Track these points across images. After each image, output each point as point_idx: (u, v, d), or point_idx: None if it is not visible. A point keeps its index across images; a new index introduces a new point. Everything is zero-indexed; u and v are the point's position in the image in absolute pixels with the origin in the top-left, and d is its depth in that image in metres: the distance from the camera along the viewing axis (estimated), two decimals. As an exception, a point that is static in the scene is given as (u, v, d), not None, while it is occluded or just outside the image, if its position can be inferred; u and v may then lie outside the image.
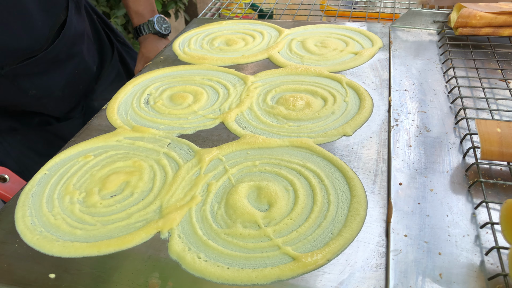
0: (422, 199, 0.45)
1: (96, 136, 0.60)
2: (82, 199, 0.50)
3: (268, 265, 0.40)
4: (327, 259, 0.40)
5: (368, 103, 0.62)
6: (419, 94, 0.63)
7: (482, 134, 0.47)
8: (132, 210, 0.48)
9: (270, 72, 0.73)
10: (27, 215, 0.48)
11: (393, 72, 0.69)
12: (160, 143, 0.58)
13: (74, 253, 0.43)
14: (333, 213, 0.45)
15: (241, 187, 0.48)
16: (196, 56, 0.81)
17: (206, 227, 0.45)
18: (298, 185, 0.49)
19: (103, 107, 0.67)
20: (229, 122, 0.61)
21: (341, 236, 0.42)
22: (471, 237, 0.41)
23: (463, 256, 0.39)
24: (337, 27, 0.89)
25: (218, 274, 0.39)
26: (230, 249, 0.42)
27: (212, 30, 0.92)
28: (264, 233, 0.43)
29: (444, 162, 0.50)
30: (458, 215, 0.43)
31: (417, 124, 0.56)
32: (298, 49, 0.81)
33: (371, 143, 0.55)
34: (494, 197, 0.45)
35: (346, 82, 0.68)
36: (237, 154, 0.55)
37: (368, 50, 0.77)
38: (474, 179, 0.47)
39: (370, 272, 0.39)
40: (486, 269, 0.38)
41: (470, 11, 0.73)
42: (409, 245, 0.40)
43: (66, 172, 0.54)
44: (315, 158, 0.53)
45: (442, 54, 0.74)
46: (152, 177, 0.52)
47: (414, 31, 0.84)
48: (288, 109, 0.63)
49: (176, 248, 0.42)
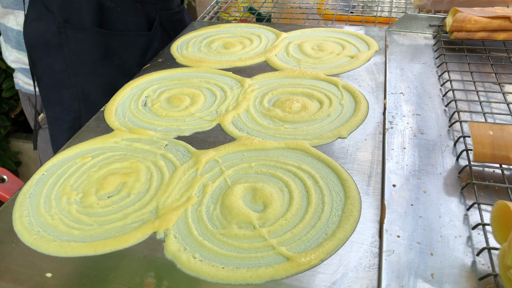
0: (415, 201, 0.45)
1: (94, 138, 0.60)
2: (79, 199, 0.50)
3: (262, 265, 0.41)
4: (321, 259, 0.41)
5: (363, 106, 0.63)
6: (414, 97, 0.63)
7: (474, 137, 0.47)
8: (128, 211, 0.48)
9: (267, 75, 0.74)
10: (25, 215, 0.48)
11: (389, 75, 0.70)
12: (157, 145, 0.58)
13: (70, 253, 0.43)
14: (327, 214, 0.46)
15: (237, 188, 0.49)
16: (194, 59, 0.81)
17: (202, 227, 0.45)
18: (293, 187, 0.49)
19: (101, 108, 0.68)
20: (226, 124, 0.61)
21: (335, 237, 0.42)
22: (463, 238, 0.41)
23: (455, 256, 0.39)
24: (334, 30, 0.90)
25: (213, 273, 0.40)
26: (225, 249, 0.43)
27: (210, 33, 0.93)
28: (259, 233, 0.44)
29: (437, 164, 0.50)
30: (451, 217, 0.43)
31: (411, 126, 0.57)
32: (295, 52, 0.82)
33: (366, 145, 0.55)
34: (486, 198, 0.45)
35: (342, 85, 0.68)
36: (233, 155, 0.55)
37: (364, 54, 0.77)
38: (467, 181, 0.47)
39: (363, 272, 0.39)
40: (477, 270, 0.38)
41: (465, 16, 0.74)
42: (402, 246, 0.41)
43: (63, 173, 0.54)
44: (310, 160, 0.54)
45: (437, 58, 0.74)
46: (149, 178, 0.53)
47: (410, 35, 0.85)
48: (285, 111, 0.63)
49: (172, 248, 0.43)
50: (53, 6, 0.82)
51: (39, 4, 0.82)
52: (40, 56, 0.85)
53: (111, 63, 0.90)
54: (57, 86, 0.88)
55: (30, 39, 0.83)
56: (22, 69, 0.94)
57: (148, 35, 0.94)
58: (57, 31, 0.83)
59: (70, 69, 0.86)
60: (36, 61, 0.85)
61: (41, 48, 0.84)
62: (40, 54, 0.84)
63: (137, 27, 0.92)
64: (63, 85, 0.88)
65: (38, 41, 0.83)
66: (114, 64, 0.90)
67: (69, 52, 0.85)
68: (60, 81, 0.87)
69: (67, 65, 0.86)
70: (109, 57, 0.90)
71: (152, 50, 0.94)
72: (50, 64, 0.85)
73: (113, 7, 0.87)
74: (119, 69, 0.86)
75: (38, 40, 0.83)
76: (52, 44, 0.84)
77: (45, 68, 0.86)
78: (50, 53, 0.84)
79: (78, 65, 0.87)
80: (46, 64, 0.86)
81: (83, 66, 0.88)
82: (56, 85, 0.87)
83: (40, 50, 0.84)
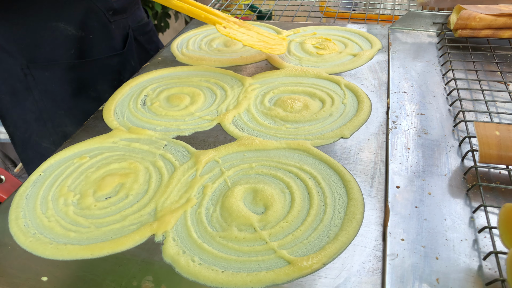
0: (419, 203, 0.44)
1: (92, 138, 0.59)
2: (76, 201, 0.49)
3: (263, 269, 0.40)
4: (323, 263, 0.40)
5: (366, 105, 0.61)
6: (418, 96, 0.62)
7: (480, 137, 0.46)
8: (126, 213, 0.47)
9: (268, 73, 0.73)
10: (21, 217, 0.47)
11: (392, 74, 0.69)
12: (156, 145, 0.57)
13: (67, 256, 0.42)
14: (329, 216, 0.45)
15: (237, 189, 0.48)
16: (194, 57, 0.80)
17: (201, 230, 0.44)
18: (295, 188, 0.48)
19: (100, 108, 0.67)
20: (226, 124, 0.60)
21: (337, 240, 0.41)
22: (469, 241, 0.40)
23: (461, 260, 0.38)
24: (336, 28, 0.89)
25: (212, 278, 0.39)
26: (225, 253, 0.42)
27: (211, 31, 0.92)
28: (260, 236, 0.43)
29: (442, 165, 0.49)
30: (456, 219, 0.42)
31: (415, 126, 0.56)
32: (297, 50, 0.81)
33: (369, 145, 0.54)
34: (492, 201, 0.44)
35: (345, 84, 0.67)
36: (233, 156, 0.54)
37: (367, 52, 0.76)
38: (472, 182, 0.46)
39: (366, 276, 0.38)
40: (484, 274, 0.37)
41: (470, 13, 0.73)
42: (406, 250, 0.40)
43: (61, 174, 0.54)
44: (312, 160, 0.52)
45: (441, 56, 0.73)
46: (148, 179, 0.52)
47: (413, 33, 0.83)
48: (286, 111, 0.62)
49: (170, 251, 0.42)
50: (12, 47, 0.72)
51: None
52: (8, 107, 0.75)
53: (87, 96, 0.81)
54: (34, 138, 0.78)
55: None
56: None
57: (123, 54, 0.86)
58: (22, 74, 0.73)
59: (44, 115, 0.77)
60: (5, 113, 0.75)
61: (6, 97, 0.75)
62: (7, 104, 0.75)
63: (111, 50, 0.84)
64: (40, 135, 0.78)
65: (2, 90, 0.74)
66: (90, 97, 0.81)
67: (39, 95, 0.75)
68: (37, 131, 0.77)
69: (40, 111, 0.76)
70: (84, 90, 0.81)
71: (129, 70, 0.87)
72: (21, 114, 0.76)
73: (85, 36, 0.78)
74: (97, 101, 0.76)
75: (1, 89, 0.74)
76: (18, 89, 0.74)
77: (16, 119, 0.76)
78: (18, 100, 0.75)
79: (52, 109, 0.77)
80: (16, 115, 0.76)
81: (58, 108, 0.77)
82: (32, 137, 0.77)
83: (6, 99, 0.75)
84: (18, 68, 0.73)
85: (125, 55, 0.87)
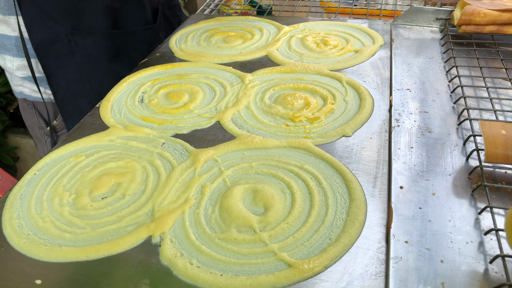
0: (423, 204, 0.43)
1: (88, 136, 0.58)
2: (72, 201, 0.48)
3: (263, 272, 0.38)
4: (325, 266, 0.38)
5: (368, 103, 0.60)
6: (421, 94, 0.61)
7: (486, 136, 0.45)
8: (123, 213, 0.46)
9: (268, 70, 0.71)
10: (15, 218, 0.46)
11: (395, 70, 0.68)
12: (154, 143, 0.56)
13: (62, 258, 0.41)
14: (331, 217, 0.44)
15: (237, 189, 0.47)
16: (193, 53, 0.79)
17: (200, 231, 0.43)
18: (295, 188, 0.47)
19: (97, 105, 0.66)
20: (225, 122, 0.59)
21: (339, 242, 0.40)
22: (474, 244, 0.39)
23: (466, 264, 0.37)
24: (338, 24, 0.87)
25: (210, 281, 0.38)
26: (224, 255, 0.40)
27: (210, 27, 0.90)
28: (260, 238, 0.42)
29: (446, 165, 0.48)
30: (461, 221, 0.41)
31: (418, 124, 0.55)
32: (298, 46, 0.79)
33: (371, 144, 0.53)
34: (498, 201, 0.43)
35: (346, 81, 0.66)
36: (233, 154, 0.53)
37: (369, 48, 0.75)
38: (477, 182, 0.45)
39: (369, 280, 0.37)
40: (490, 278, 0.36)
41: (474, 8, 0.71)
42: (410, 252, 0.39)
43: (56, 173, 0.52)
44: (313, 159, 0.51)
45: (444, 53, 0.72)
46: (145, 178, 0.51)
47: (416, 29, 0.82)
48: (286, 108, 0.61)
49: (168, 254, 0.40)
50: (58, 15, 0.80)
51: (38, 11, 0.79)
52: (53, 68, 0.83)
53: (122, 63, 0.90)
54: (74, 96, 0.87)
55: (40, 50, 0.81)
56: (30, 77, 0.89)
57: (154, 28, 0.94)
58: (66, 39, 0.82)
59: (84, 77, 0.86)
60: (50, 74, 0.84)
61: (52, 60, 0.83)
62: (52, 66, 0.83)
63: (144, 22, 0.92)
64: (79, 94, 0.87)
65: (49, 53, 0.82)
66: (124, 63, 0.90)
67: (81, 59, 0.84)
68: (77, 90, 0.86)
69: (80, 73, 0.86)
70: (120, 57, 0.90)
71: (158, 42, 0.94)
72: (64, 75, 0.84)
73: (120, 7, 0.86)
74: (130, 67, 0.85)
75: (48, 52, 0.82)
76: (63, 53, 0.83)
77: (59, 79, 0.85)
78: (63, 63, 0.84)
79: (91, 71, 0.86)
80: (60, 76, 0.84)
81: (96, 71, 0.87)
82: (72, 95, 0.87)
83: (51, 61, 0.83)
84: (63, 34, 0.82)
85: (156, 29, 0.95)
